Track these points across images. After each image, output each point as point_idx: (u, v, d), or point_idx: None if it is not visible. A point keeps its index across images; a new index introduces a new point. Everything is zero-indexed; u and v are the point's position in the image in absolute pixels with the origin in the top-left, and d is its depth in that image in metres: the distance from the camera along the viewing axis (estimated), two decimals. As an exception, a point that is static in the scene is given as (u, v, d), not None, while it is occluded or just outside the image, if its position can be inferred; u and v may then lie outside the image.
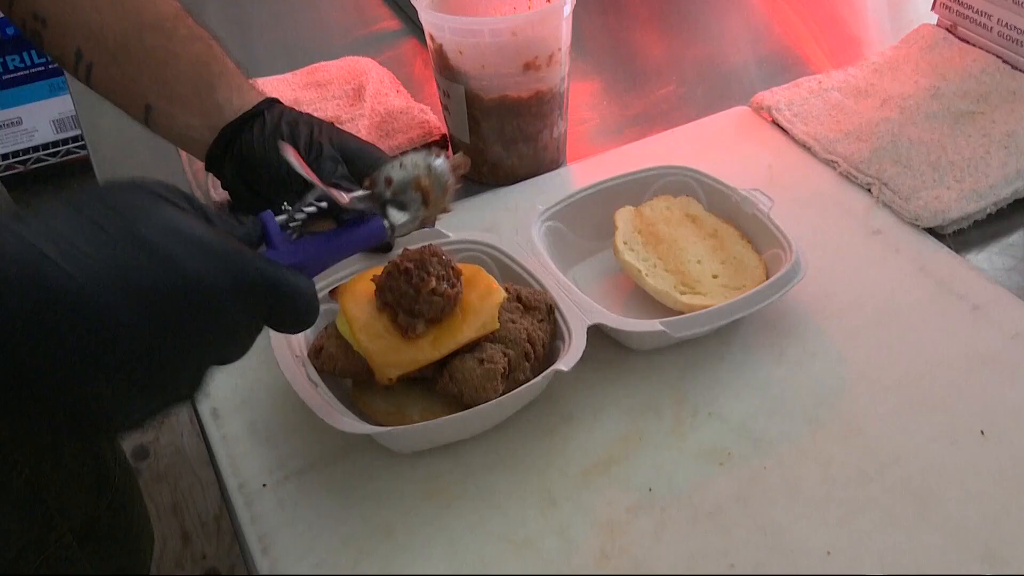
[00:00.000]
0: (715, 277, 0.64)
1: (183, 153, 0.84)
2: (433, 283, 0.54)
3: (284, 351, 0.57)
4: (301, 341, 0.60)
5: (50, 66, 2.10)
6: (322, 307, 0.62)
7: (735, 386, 0.60)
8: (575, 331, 0.58)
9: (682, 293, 0.62)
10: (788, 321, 0.64)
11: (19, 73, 2.11)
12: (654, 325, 0.58)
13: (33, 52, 2.09)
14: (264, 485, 0.56)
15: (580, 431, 0.58)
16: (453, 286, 0.55)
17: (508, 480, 0.56)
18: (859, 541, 0.51)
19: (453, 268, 0.57)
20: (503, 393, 0.55)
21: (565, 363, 0.55)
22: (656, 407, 0.59)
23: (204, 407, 0.61)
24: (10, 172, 2.12)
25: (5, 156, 2.13)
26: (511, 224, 0.72)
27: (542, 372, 0.56)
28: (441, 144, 0.83)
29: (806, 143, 0.79)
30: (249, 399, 0.61)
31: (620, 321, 0.58)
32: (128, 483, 0.95)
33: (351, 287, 0.59)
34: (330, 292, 0.60)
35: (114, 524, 0.92)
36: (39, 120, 2.15)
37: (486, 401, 0.54)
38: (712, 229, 0.67)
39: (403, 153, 0.80)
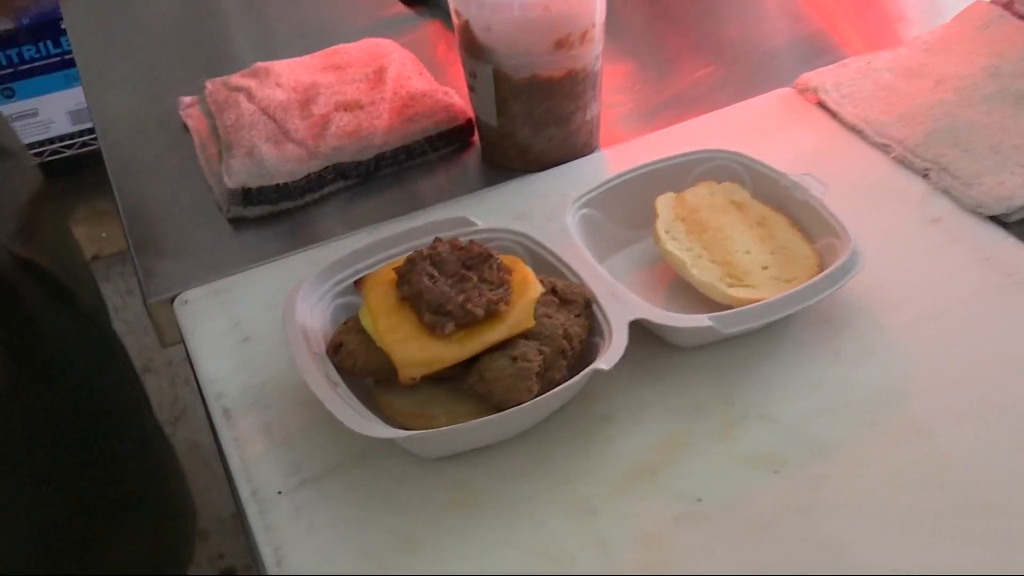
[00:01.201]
0: (765, 268, 0.59)
1: (196, 140, 0.81)
2: (485, 298, 0.51)
3: (300, 346, 0.53)
4: (319, 336, 0.55)
5: (66, 56, 2.07)
6: (344, 300, 0.58)
7: (787, 386, 0.56)
8: (615, 327, 0.53)
9: (730, 286, 0.58)
10: (843, 316, 0.59)
11: (35, 63, 2.08)
12: (702, 320, 0.54)
13: (49, 42, 2.06)
14: (279, 492, 0.52)
15: (620, 435, 0.54)
16: (500, 298, 0.51)
17: (542, 488, 0.51)
18: (929, 559, 0.47)
19: (502, 271, 0.53)
20: (538, 394, 0.50)
21: (605, 361, 0.51)
22: (702, 409, 0.55)
23: (216, 406, 0.57)
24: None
25: (21, 148, 2.10)
26: (543, 212, 0.68)
27: (579, 370, 0.51)
28: (467, 130, 0.78)
29: (856, 126, 0.74)
30: (264, 398, 0.57)
31: (665, 316, 0.54)
32: (167, 455, 0.95)
33: (376, 277, 0.55)
34: (354, 283, 0.56)
35: (156, 496, 0.93)
36: (55, 111, 2.12)
37: (519, 402, 0.50)
38: (759, 217, 0.62)
39: (429, 138, 0.77)
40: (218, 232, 0.72)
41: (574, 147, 0.74)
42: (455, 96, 0.80)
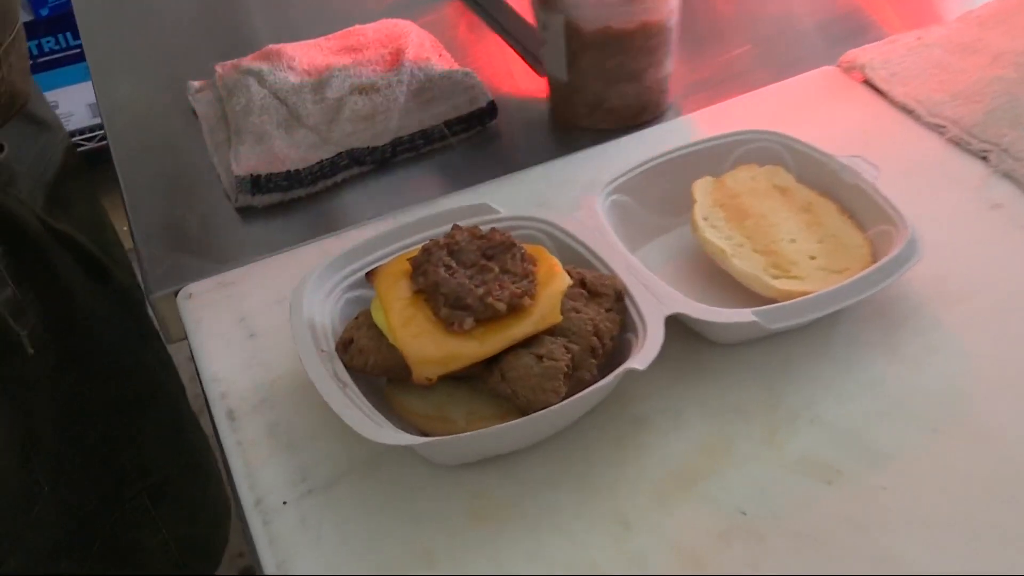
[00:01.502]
0: (812, 259, 0.54)
1: (204, 126, 0.77)
2: (507, 291, 0.46)
3: (307, 343, 0.49)
4: (329, 332, 0.51)
5: (85, 48, 2.04)
6: (355, 293, 0.54)
7: (839, 387, 0.51)
8: (650, 322, 0.49)
9: (774, 277, 0.53)
10: (899, 310, 0.54)
11: (55, 55, 2.05)
12: (745, 315, 0.49)
13: (68, 34, 2.03)
14: (284, 503, 0.48)
15: (656, 440, 0.49)
16: (524, 291, 0.47)
17: (571, 499, 0.47)
18: (1006, 580, 0.42)
19: (525, 262, 0.49)
20: (566, 395, 0.46)
21: (640, 360, 0.46)
22: (746, 412, 0.50)
23: (219, 408, 0.53)
24: (46, 157, 2.07)
25: (41, 141, 2.08)
26: (570, 199, 0.63)
27: (610, 370, 0.47)
28: (489, 114, 0.74)
29: (907, 106, 0.69)
30: (270, 399, 0.53)
31: (705, 311, 0.49)
32: (202, 444, 0.93)
33: (389, 269, 0.50)
34: (366, 275, 0.52)
35: (189, 485, 0.90)
36: (75, 104, 2.10)
37: (546, 405, 0.45)
38: (805, 202, 0.57)
39: (448, 122, 0.73)
40: (226, 223, 0.68)
41: (646, 105, 0.71)
42: (476, 78, 0.76)
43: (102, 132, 2.10)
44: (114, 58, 0.89)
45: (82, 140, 2.08)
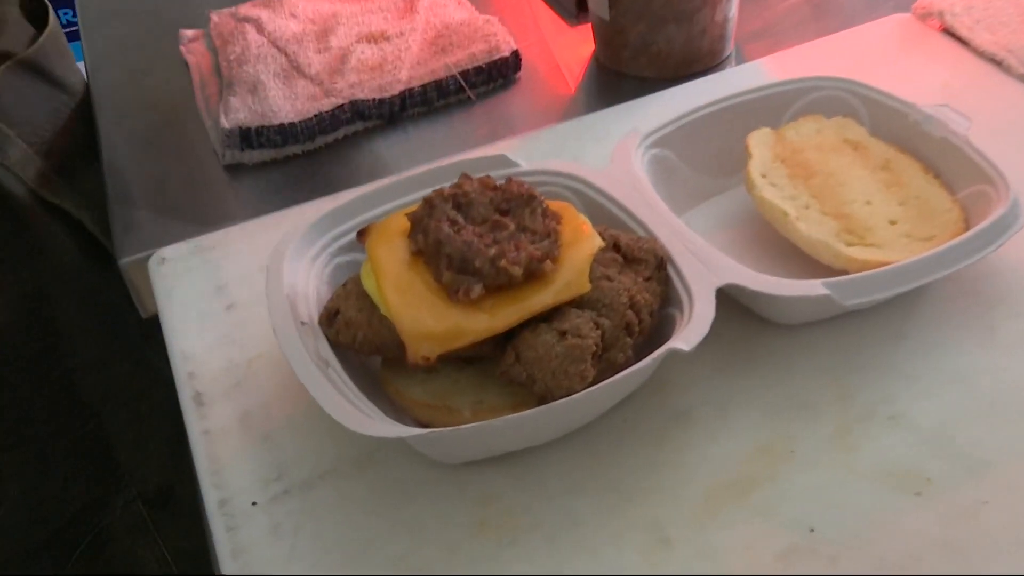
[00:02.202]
0: (893, 224, 0.45)
1: (195, 78, 0.69)
2: (525, 252, 0.38)
3: (284, 315, 0.41)
4: (313, 303, 0.43)
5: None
6: (347, 257, 0.46)
7: (925, 378, 0.42)
8: (698, 295, 0.40)
9: (848, 244, 0.44)
10: (996, 287, 0.46)
11: (67, 30, 1.99)
12: (815, 288, 0.40)
13: (69, 11, 1.97)
14: (254, 503, 0.40)
15: (702, 438, 0.41)
16: (545, 253, 0.39)
17: (599, 508, 0.39)
18: None
19: (548, 219, 0.40)
20: (594, 381, 0.38)
21: (685, 340, 0.38)
22: (811, 407, 0.42)
23: (186, 389, 0.45)
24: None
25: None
26: (602, 151, 0.54)
27: (649, 351, 0.38)
28: (512, 65, 0.66)
29: (995, 55, 0.60)
30: (245, 382, 0.45)
31: (766, 282, 0.40)
32: None
33: (385, 227, 0.42)
34: (358, 234, 0.43)
35: (190, 495, 0.82)
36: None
37: (570, 392, 0.37)
38: (882, 159, 0.49)
39: (464, 73, 0.65)
40: (212, 182, 0.61)
41: (698, 51, 0.63)
42: (498, 25, 0.67)
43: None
44: (103, 4, 0.81)
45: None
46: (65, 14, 1.95)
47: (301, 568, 0.38)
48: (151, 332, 0.78)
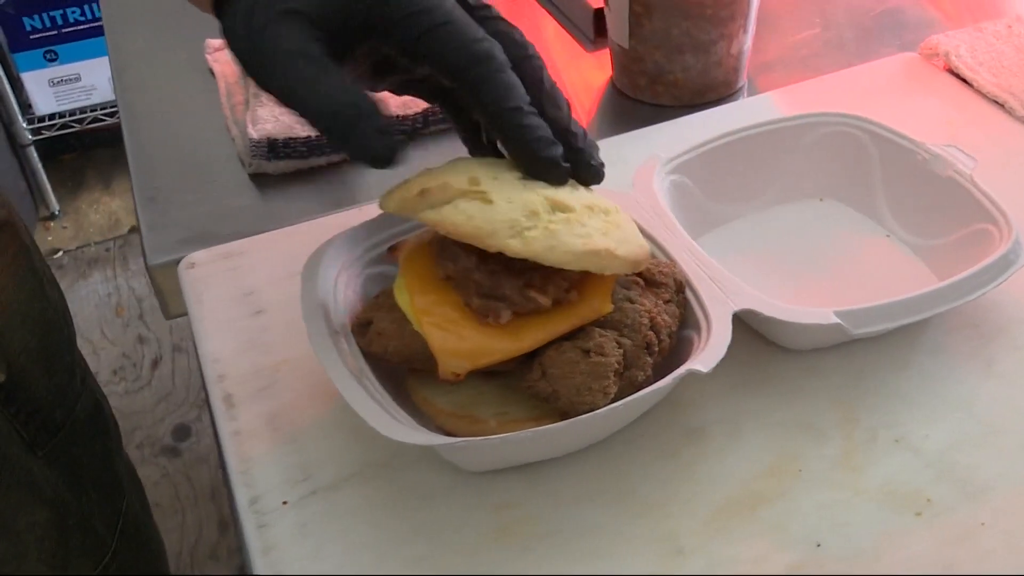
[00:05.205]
0: None
1: (221, 86, 0.71)
2: (552, 283, 0.40)
3: (319, 322, 0.42)
4: (345, 312, 0.45)
5: (111, 20, 1.99)
6: (378, 269, 0.48)
7: (927, 404, 0.44)
8: (716, 319, 0.42)
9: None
10: (996, 319, 0.48)
11: (79, 27, 2.01)
12: (827, 316, 0.42)
13: (95, 5, 1.98)
14: (284, 503, 0.42)
15: (714, 455, 0.43)
16: (572, 283, 0.41)
17: (615, 518, 0.40)
18: None
19: None
20: (616, 397, 0.39)
21: (704, 361, 0.39)
22: (817, 428, 0.43)
23: (216, 391, 0.47)
24: (67, 131, 2.03)
25: (62, 114, 2.03)
26: (617, 182, 0.56)
27: (665, 372, 0.40)
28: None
29: (997, 97, 0.62)
30: (274, 384, 0.47)
31: (781, 309, 0.42)
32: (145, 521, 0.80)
33: (418, 243, 0.44)
34: (389, 248, 0.45)
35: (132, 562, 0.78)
36: (97, 77, 2.05)
37: (592, 407, 0.39)
38: None
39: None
40: (237, 190, 0.62)
41: (713, 82, 0.65)
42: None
43: (124, 107, 2.05)
44: (129, 12, 0.83)
45: (103, 115, 2.03)
46: (73, 12, 1.97)
47: (327, 567, 0.39)
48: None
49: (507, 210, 0.39)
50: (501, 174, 0.41)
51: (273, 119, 0.63)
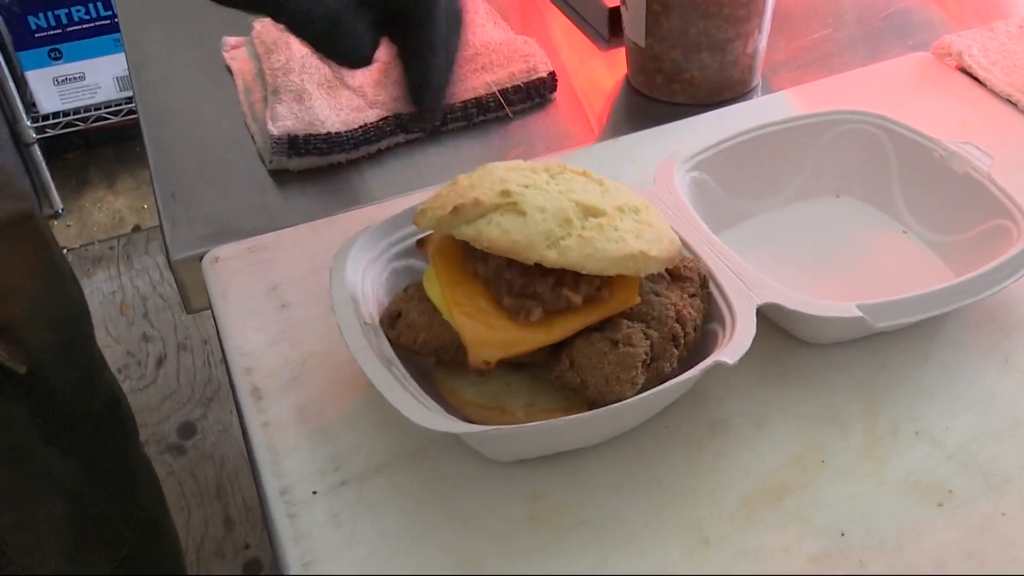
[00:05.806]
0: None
1: (239, 84, 0.71)
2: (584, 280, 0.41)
3: (349, 315, 0.43)
4: (372, 304, 0.45)
5: (115, 19, 1.99)
6: (403, 263, 0.49)
7: (947, 398, 0.45)
8: (740, 312, 0.43)
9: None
10: (1014, 313, 0.48)
11: (84, 25, 2.01)
12: (849, 310, 0.43)
13: (100, 3, 1.99)
14: (314, 492, 0.42)
15: (739, 446, 0.43)
16: (603, 280, 0.41)
17: (642, 507, 0.41)
18: None
19: None
20: (643, 388, 0.40)
21: (730, 354, 0.40)
22: (840, 421, 0.44)
23: (243, 384, 0.48)
24: (71, 129, 2.03)
25: (66, 112, 2.03)
26: (634, 179, 0.57)
27: (690, 364, 0.41)
28: (549, 85, 0.68)
29: (1010, 96, 0.63)
30: (301, 376, 0.47)
31: (804, 303, 0.43)
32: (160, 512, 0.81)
33: (447, 236, 0.45)
34: (417, 242, 0.46)
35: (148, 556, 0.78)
36: (102, 76, 2.05)
37: (620, 398, 0.40)
38: None
39: (503, 91, 0.66)
40: (258, 186, 0.63)
41: (728, 81, 0.65)
42: (535, 46, 0.70)
43: (129, 106, 2.06)
44: (145, 10, 0.83)
45: (107, 113, 2.03)
46: (78, 11, 1.97)
47: (360, 553, 0.40)
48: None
49: (540, 221, 0.39)
50: (530, 179, 0.42)
51: (292, 116, 0.64)
